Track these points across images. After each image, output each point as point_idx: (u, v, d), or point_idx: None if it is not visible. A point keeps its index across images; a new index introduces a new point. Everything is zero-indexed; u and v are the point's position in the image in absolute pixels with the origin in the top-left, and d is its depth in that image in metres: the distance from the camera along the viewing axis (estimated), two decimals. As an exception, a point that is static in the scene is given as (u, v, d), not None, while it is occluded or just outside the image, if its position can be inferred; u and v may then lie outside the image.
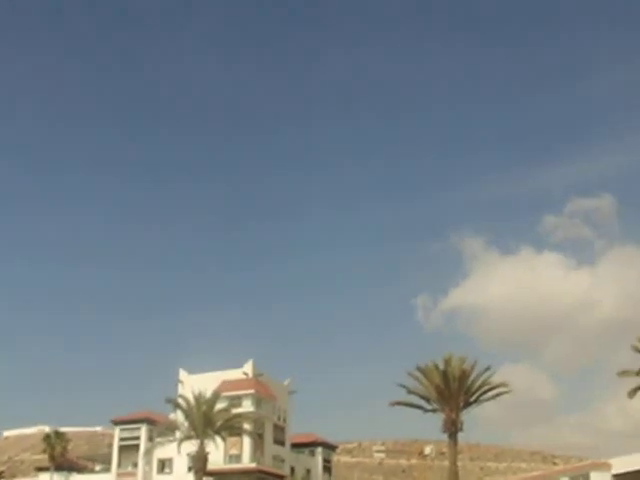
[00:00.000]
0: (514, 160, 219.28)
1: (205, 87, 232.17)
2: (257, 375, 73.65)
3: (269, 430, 73.11)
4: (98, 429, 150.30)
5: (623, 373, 46.88)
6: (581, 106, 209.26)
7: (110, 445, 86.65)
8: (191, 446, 59.58)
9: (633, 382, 46.24)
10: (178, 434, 62.02)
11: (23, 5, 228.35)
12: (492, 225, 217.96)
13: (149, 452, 69.98)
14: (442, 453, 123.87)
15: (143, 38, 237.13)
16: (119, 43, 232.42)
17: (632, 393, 46.35)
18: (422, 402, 52.54)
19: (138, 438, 74.80)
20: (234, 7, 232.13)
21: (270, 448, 72.53)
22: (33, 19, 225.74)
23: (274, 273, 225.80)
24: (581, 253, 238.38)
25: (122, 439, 76.64)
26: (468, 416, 52.52)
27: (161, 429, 70.72)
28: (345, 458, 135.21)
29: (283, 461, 74.73)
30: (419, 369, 51.62)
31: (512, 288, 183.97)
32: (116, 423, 78.19)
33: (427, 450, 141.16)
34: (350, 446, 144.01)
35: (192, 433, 59.48)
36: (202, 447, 58.83)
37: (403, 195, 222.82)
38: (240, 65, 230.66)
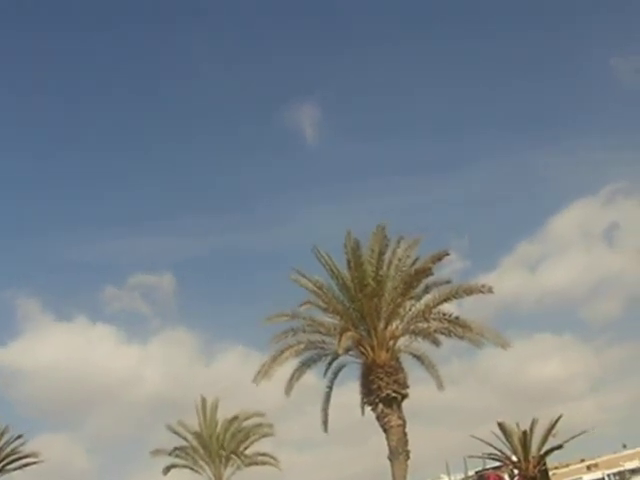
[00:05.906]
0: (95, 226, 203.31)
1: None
2: None
3: None
4: None
5: (156, 452, 46.97)
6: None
7: None
8: None
9: (168, 460, 46.82)
10: None
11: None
12: (52, 287, 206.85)
13: None
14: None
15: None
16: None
17: (166, 471, 46.84)
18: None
19: None
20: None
21: None
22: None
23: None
24: (135, 328, 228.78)
25: None
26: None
27: None
28: None
29: None
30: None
31: (61, 356, 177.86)
32: None
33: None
34: None
35: None
36: None
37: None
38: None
